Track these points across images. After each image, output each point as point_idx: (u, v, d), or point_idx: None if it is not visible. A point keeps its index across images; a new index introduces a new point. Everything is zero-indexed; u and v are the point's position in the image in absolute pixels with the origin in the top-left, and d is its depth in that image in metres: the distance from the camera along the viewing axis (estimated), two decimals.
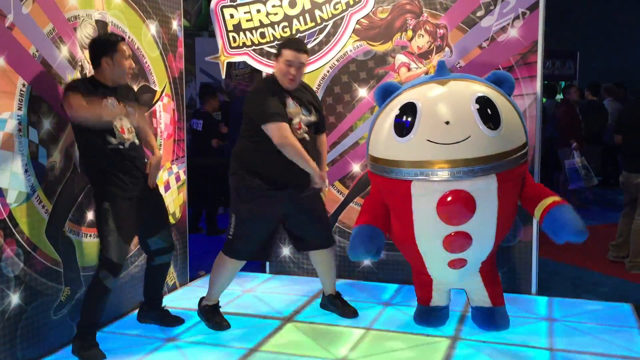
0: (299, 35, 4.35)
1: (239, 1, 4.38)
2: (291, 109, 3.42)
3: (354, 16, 4.27)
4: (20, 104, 3.01)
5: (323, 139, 3.74)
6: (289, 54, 3.39)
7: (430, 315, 3.54)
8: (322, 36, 4.36)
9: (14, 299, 3.00)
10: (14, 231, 2.99)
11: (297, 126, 3.42)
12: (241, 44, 4.44)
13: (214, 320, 3.59)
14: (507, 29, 4.00)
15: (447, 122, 3.04)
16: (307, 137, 3.47)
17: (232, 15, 4.39)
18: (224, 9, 4.40)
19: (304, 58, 3.44)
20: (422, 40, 4.19)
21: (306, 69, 3.55)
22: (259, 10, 4.35)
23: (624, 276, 5.01)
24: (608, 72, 12.02)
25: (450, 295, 3.59)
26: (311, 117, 3.50)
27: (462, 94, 3.16)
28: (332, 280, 3.78)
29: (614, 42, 13.04)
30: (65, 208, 3.32)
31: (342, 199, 4.49)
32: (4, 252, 2.93)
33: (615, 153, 8.29)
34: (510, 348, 3.26)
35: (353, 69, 4.37)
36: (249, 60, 4.45)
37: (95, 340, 3.20)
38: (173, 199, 4.32)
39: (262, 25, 4.37)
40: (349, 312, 3.71)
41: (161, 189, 4.13)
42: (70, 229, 3.36)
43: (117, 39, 3.21)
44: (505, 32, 4.01)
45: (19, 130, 3.01)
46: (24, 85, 3.03)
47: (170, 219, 4.26)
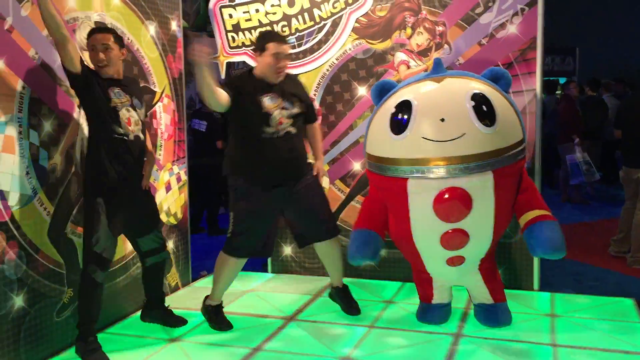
0: (298, 34, 4.35)
1: (237, 1, 4.38)
2: (267, 104, 3.38)
3: (352, 14, 4.27)
4: (21, 106, 3.02)
5: (315, 128, 3.72)
6: (276, 46, 3.39)
7: (432, 313, 3.55)
8: (321, 35, 4.36)
9: (17, 301, 3.00)
10: (16, 233, 3.00)
11: (279, 121, 3.39)
12: (240, 44, 4.44)
13: (215, 320, 3.59)
14: (506, 26, 4.00)
15: (442, 120, 3.05)
16: (292, 130, 3.44)
17: (230, 15, 4.39)
18: (222, 9, 4.40)
19: (288, 48, 3.47)
20: (421, 38, 4.19)
21: (289, 59, 3.55)
22: (257, 10, 4.35)
23: (626, 271, 5.02)
24: (608, 67, 12.02)
25: (452, 292, 3.59)
26: (294, 108, 3.46)
27: (457, 91, 3.17)
28: (338, 271, 3.77)
29: (614, 38, 13.04)
30: (66, 210, 3.33)
31: (344, 197, 4.49)
32: (6, 255, 2.94)
33: (615, 148, 8.30)
34: (513, 344, 3.27)
35: (352, 68, 4.37)
36: (249, 60, 4.45)
37: (98, 342, 3.20)
38: (174, 199, 4.32)
39: (261, 24, 4.37)
40: (352, 309, 3.71)
41: (162, 190, 4.15)
42: (72, 231, 3.36)
43: (92, 30, 3.22)
44: (504, 29, 4.01)
45: (20, 133, 3.02)
46: (23, 87, 3.03)
47: (171, 220, 4.27)
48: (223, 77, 4.75)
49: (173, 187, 4.32)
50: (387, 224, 3.39)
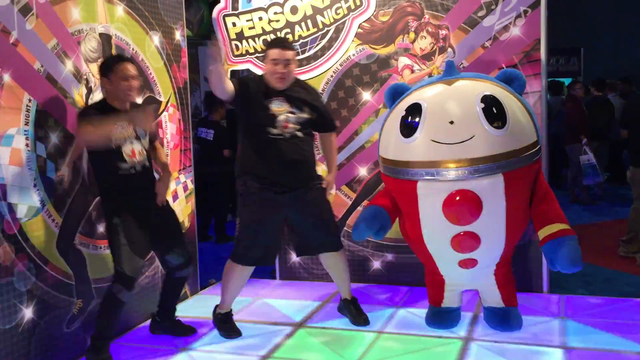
0: (301, 41, 4.37)
1: (240, 9, 4.40)
2: (275, 107, 3.40)
3: (355, 20, 4.28)
4: (27, 119, 3.04)
5: (330, 140, 3.71)
6: (274, 53, 3.40)
7: (442, 317, 3.53)
8: (324, 41, 4.37)
9: (27, 313, 3.02)
10: (25, 246, 3.01)
11: (284, 124, 3.40)
12: (244, 52, 4.45)
13: (224, 328, 3.59)
14: (509, 28, 4.00)
15: (452, 122, 3.05)
16: (299, 134, 3.44)
17: (234, 24, 4.41)
18: (226, 17, 4.42)
19: (289, 54, 3.42)
20: (424, 42, 4.19)
21: (294, 66, 3.50)
22: (260, 18, 4.37)
23: (636, 272, 4.98)
24: (613, 67, 11.97)
25: (462, 297, 3.58)
26: (302, 114, 3.45)
27: (467, 93, 3.16)
28: (345, 283, 3.76)
29: (618, 38, 12.98)
30: (75, 221, 3.34)
31: (350, 202, 4.49)
32: (16, 267, 2.95)
33: (622, 148, 8.26)
34: (524, 347, 3.25)
35: (357, 73, 4.38)
36: (253, 68, 4.46)
37: (109, 352, 3.21)
38: (181, 208, 4.33)
39: (265, 32, 4.39)
40: (360, 320, 3.68)
41: (169, 199, 4.16)
42: (80, 242, 3.38)
43: (116, 59, 3.22)
44: (508, 31, 4.00)
45: (27, 145, 3.03)
46: (30, 100, 3.05)
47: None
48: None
49: (180, 196, 4.33)
50: (397, 208, 3.38)
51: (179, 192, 4.33)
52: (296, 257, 4.56)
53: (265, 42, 4.15)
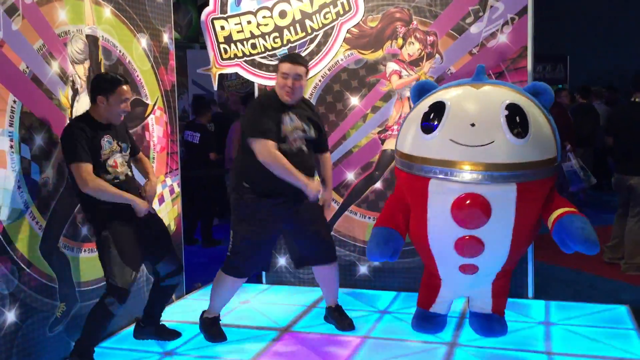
0: (290, 45, 4.36)
1: (229, 13, 4.40)
2: (288, 124, 3.41)
3: (344, 25, 4.29)
4: (12, 120, 3.01)
5: (325, 158, 3.70)
6: (285, 66, 3.42)
7: (428, 322, 3.53)
8: (313, 46, 4.37)
9: (9, 316, 2.98)
10: (8, 248, 2.98)
11: (293, 139, 3.42)
12: (232, 56, 4.44)
13: (210, 332, 3.57)
14: (496, 35, 4.03)
15: (473, 124, 3.03)
16: (304, 148, 3.46)
17: (222, 27, 4.40)
18: (214, 20, 4.41)
19: (300, 70, 3.42)
20: (412, 48, 4.21)
21: (304, 82, 3.49)
22: (249, 22, 4.36)
23: (620, 278, 5.02)
24: (599, 75, 12.10)
25: (451, 306, 3.58)
26: (311, 132, 3.50)
27: (492, 98, 3.15)
28: (333, 293, 3.75)
29: (604, 45, 13.13)
30: (59, 224, 3.31)
31: (337, 207, 4.49)
32: None
33: (607, 155, 8.34)
34: (508, 353, 3.27)
35: (345, 78, 4.39)
36: (241, 71, 4.45)
37: (93, 357, 3.18)
38: (168, 211, 4.31)
39: (253, 36, 4.38)
40: (345, 325, 3.68)
41: (155, 202, 4.13)
42: (64, 245, 3.35)
43: (119, 80, 3.18)
44: (495, 38, 4.03)
45: (11, 147, 3.00)
46: (14, 101, 3.02)
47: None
48: (215, 88, 4.76)
49: (166, 199, 4.31)
50: (408, 223, 3.35)
51: (165, 195, 4.30)
52: (283, 262, 4.56)
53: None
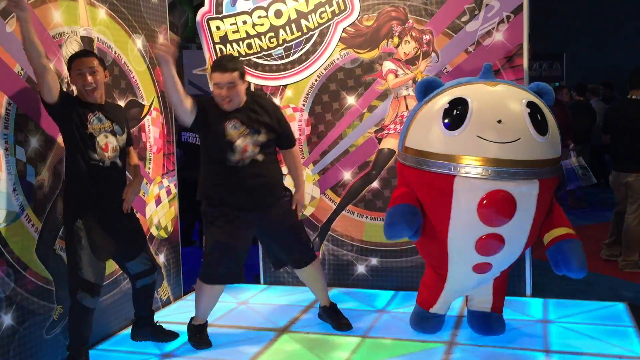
0: (285, 45, 4.36)
1: (224, 13, 4.39)
2: (231, 132, 3.31)
3: (340, 25, 4.28)
4: (7, 122, 2.99)
5: (292, 154, 3.62)
6: (215, 76, 3.29)
7: (427, 322, 3.53)
8: (308, 45, 4.36)
9: (6, 319, 2.97)
10: (4, 251, 2.96)
11: (243, 149, 3.32)
12: None
13: (194, 339, 3.51)
14: (492, 33, 4.02)
15: (499, 121, 3.01)
16: (259, 157, 3.35)
17: (218, 27, 4.39)
18: (210, 21, 4.40)
19: (230, 77, 3.26)
20: (408, 47, 4.21)
21: (241, 86, 3.33)
22: (245, 22, 4.36)
23: (618, 275, 5.03)
24: (595, 72, 12.11)
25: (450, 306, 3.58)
26: (260, 136, 3.35)
27: (513, 96, 3.14)
28: (322, 292, 3.73)
29: (600, 43, 13.14)
30: (55, 226, 3.30)
31: (334, 207, 4.48)
32: None
33: (604, 152, 8.35)
34: (506, 351, 3.26)
35: (341, 77, 4.38)
36: None
37: (88, 357, 3.17)
38: (164, 212, 4.30)
39: (249, 36, 4.38)
40: (342, 325, 3.66)
41: (152, 203, 4.13)
42: (60, 247, 3.33)
43: (75, 54, 3.18)
44: (491, 36, 4.03)
45: (6, 149, 2.99)
46: (9, 104, 3.01)
47: (162, 233, 4.25)
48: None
49: (163, 200, 4.30)
50: (423, 213, 3.24)
51: (162, 196, 4.29)
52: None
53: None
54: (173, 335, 3.59)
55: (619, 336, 3.41)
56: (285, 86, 4.46)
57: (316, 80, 4.42)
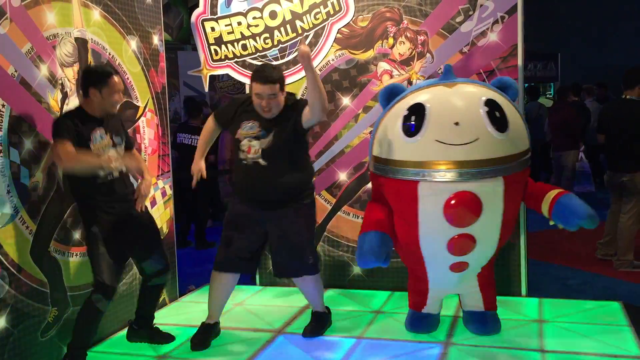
0: (280, 46, 4.35)
1: (219, 14, 4.38)
2: (243, 129, 3.39)
3: (334, 25, 4.28)
4: (0, 124, 2.98)
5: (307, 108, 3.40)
6: (256, 87, 3.30)
7: (422, 322, 3.54)
8: None
9: (1, 322, 2.95)
10: None
11: (247, 149, 3.38)
12: (223, 57, 4.43)
13: (193, 336, 3.51)
14: (486, 34, 4.03)
15: (457, 123, 3.04)
16: (261, 161, 3.36)
17: (213, 29, 4.39)
18: (204, 22, 4.40)
19: (273, 89, 3.27)
20: (403, 47, 4.21)
21: (281, 97, 3.35)
22: (239, 23, 4.35)
23: (613, 274, 5.04)
24: (589, 72, 12.15)
25: (442, 304, 3.58)
26: (267, 139, 3.35)
27: (470, 96, 3.17)
28: (314, 303, 3.69)
29: (595, 43, 13.19)
30: (49, 228, 3.29)
31: (330, 208, 4.48)
32: None
33: (598, 152, 8.37)
34: (502, 351, 3.26)
35: (336, 78, 4.38)
36: (232, 72, 4.44)
37: None
38: (160, 214, 4.29)
39: (244, 37, 4.37)
40: (306, 330, 3.60)
41: (147, 205, 4.11)
42: (55, 249, 3.32)
43: (109, 71, 3.18)
44: (485, 37, 4.04)
45: (0, 151, 2.98)
46: (3, 105, 3.00)
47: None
48: (207, 89, 4.75)
49: (158, 201, 4.29)
50: (394, 227, 3.31)
51: (157, 198, 4.28)
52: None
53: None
54: (169, 338, 3.58)
55: (615, 335, 3.41)
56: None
57: None
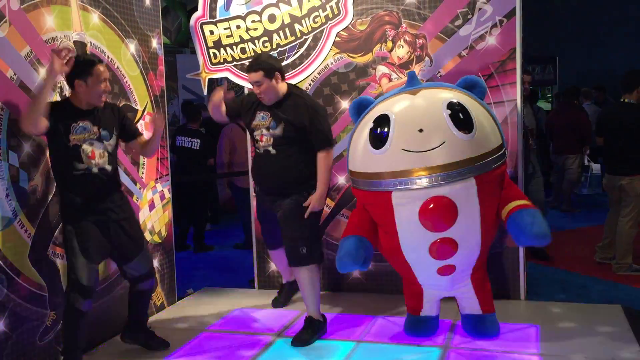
0: (279, 49, 4.36)
1: (218, 17, 4.39)
2: (256, 120, 3.65)
3: (333, 29, 4.29)
4: None
5: (319, 157, 3.58)
6: (248, 76, 3.60)
7: (421, 325, 3.54)
8: (302, 50, 4.37)
9: None
10: None
11: (259, 137, 3.63)
12: (222, 60, 4.43)
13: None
14: (485, 37, 4.04)
15: (421, 130, 3.08)
16: (272, 150, 3.58)
17: (212, 32, 4.39)
18: (203, 25, 4.40)
19: (255, 76, 3.52)
20: (402, 51, 4.22)
21: (268, 84, 3.52)
22: (238, 26, 4.36)
23: (612, 278, 5.04)
24: (587, 75, 12.16)
25: (440, 305, 3.59)
26: (277, 130, 3.56)
27: (432, 101, 3.20)
28: (306, 301, 3.65)
29: (593, 46, 13.21)
30: (48, 231, 3.29)
31: (329, 211, 4.48)
32: None
33: (597, 155, 8.38)
34: (501, 354, 3.26)
35: (335, 82, 4.39)
36: (231, 76, 4.44)
37: None
38: (158, 217, 4.28)
39: (243, 40, 4.37)
40: (295, 340, 3.56)
41: (146, 208, 4.12)
42: (54, 252, 3.32)
43: (94, 61, 3.16)
44: (484, 40, 4.04)
45: None
46: (2, 108, 3.00)
47: (155, 238, 4.24)
48: (205, 93, 4.75)
49: (157, 205, 4.29)
50: (376, 233, 3.36)
51: (156, 201, 4.28)
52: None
53: None
54: (164, 344, 3.54)
55: (613, 339, 3.41)
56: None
57: (310, 85, 4.43)
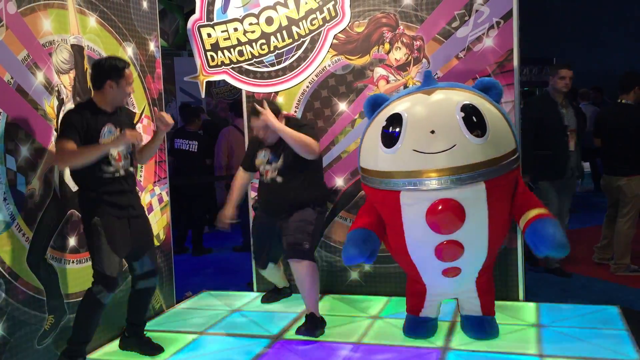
0: (277, 52, 4.36)
1: (215, 20, 4.39)
2: (258, 159, 3.90)
3: (330, 31, 4.29)
4: None
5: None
6: (252, 120, 3.78)
7: (419, 327, 3.53)
8: (300, 52, 4.37)
9: None
10: None
11: (265, 172, 3.86)
12: (220, 63, 4.43)
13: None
14: (482, 39, 4.04)
15: (433, 132, 3.05)
16: (278, 179, 3.80)
17: (209, 35, 4.39)
18: (201, 28, 4.40)
19: (259, 123, 3.70)
20: (399, 53, 4.22)
21: (271, 129, 3.69)
22: (236, 29, 4.36)
23: (610, 278, 5.04)
24: (585, 76, 12.18)
25: (441, 308, 3.58)
26: (278, 163, 3.80)
27: (446, 103, 3.17)
28: (305, 298, 3.70)
29: (590, 47, 13.24)
30: (46, 235, 3.28)
31: (327, 213, 4.47)
32: None
33: (594, 156, 8.39)
34: (500, 356, 3.26)
35: (332, 84, 4.39)
36: (228, 78, 4.45)
37: (85, 357, 3.17)
38: (156, 220, 4.28)
39: (240, 43, 4.37)
40: (300, 330, 3.68)
41: (144, 208, 4.11)
42: (52, 256, 3.31)
43: (124, 64, 3.22)
44: (481, 42, 4.05)
45: None
46: None
47: (154, 241, 4.22)
48: (203, 95, 4.75)
49: (155, 208, 4.28)
50: (384, 229, 3.35)
51: (154, 204, 4.28)
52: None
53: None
54: (159, 349, 3.51)
55: (612, 340, 3.41)
56: (276, 93, 4.47)
57: (308, 87, 4.43)
